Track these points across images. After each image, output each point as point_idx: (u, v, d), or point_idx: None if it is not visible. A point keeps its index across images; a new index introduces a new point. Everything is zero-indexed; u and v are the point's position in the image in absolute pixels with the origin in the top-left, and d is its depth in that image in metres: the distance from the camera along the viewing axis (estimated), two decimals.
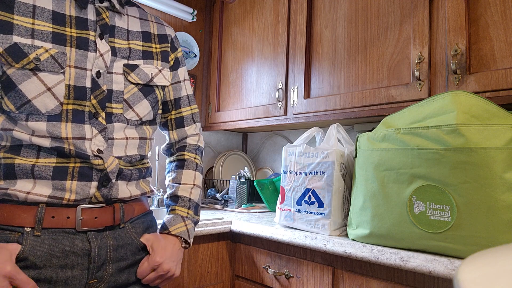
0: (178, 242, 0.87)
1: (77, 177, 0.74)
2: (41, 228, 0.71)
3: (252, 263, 1.29)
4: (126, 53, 0.84)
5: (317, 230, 1.11)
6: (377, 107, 1.26)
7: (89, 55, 0.77)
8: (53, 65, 0.72)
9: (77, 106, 0.75)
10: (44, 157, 0.73)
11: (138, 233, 0.84)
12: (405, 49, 1.21)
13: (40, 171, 0.72)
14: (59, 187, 0.72)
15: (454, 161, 0.81)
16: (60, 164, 0.73)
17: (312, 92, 1.49)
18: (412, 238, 0.87)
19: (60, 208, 0.73)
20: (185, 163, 0.97)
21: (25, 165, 0.71)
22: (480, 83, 1.03)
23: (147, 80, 0.86)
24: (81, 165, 0.75)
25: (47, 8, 0.75)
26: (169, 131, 0.99)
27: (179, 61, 0.99)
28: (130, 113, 0.83)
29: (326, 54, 1.45)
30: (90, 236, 0.74)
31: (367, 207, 0.96)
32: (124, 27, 0.86)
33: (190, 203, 0.93)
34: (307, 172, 1.17)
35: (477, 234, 0.79)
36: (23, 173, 0.71)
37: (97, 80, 0.78)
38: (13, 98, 0.71)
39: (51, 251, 0.70)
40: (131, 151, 0.84)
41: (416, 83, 1.16)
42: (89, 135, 0.76)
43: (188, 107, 1.00)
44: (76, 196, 0.73)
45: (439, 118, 0.87)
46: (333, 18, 1.44)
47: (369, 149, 0.98)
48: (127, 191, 0.82)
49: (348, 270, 1.02)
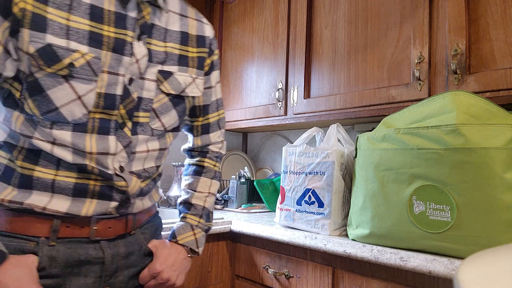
0: (184, 252, 0.85)
1: (97, 197, 0.71)
2: (56, 238, 0.68)
3: (252, 263, 1.29)
4: (162, 58, 0.77)
5: (317, 230, 1.11)
6: (377, 107, 1.26)
7: (124, 60, 0.70)
8: (88, 73, 0.65)
9: (104, 115, 0.69)
10: (65, 169, 0.68)
11: (147, 238, 0.82)
12: (405, 49, 1.21)
13: (60, 188, 0.68)
14: (77, 204, 0.69)
15: (454, 161, 0.81)
16: (80, 181, 0.69)
17: (312, 92, 1.49)
18: (412, 238, 0.87)
19: (75, 219, 0.70)
20: (204, 170, 0.95)
21: (45, 180, 0.67)
22: (480, 83, 1.03)
23: (179, 90, 0.80)
24: (102, 184, 0.71)
25: (85, 1, 0.66)
26: (194, 136, 0.96)
27: (214, 64, 0.92)
28: (156, 123, 0.77)
29: (326, 54, 1.45)
30: (103, 245, 0.73)
31: (367, 207, 0.96)
32: (163, 25, 0.78)
33: (203, 212, 0.91)
34: (307, 172, 1.17)
35: (477, 234, 0.79)
36: (41, 186, 0.67)
37: (128, 88, 0.71)
38: (39, 102, 0.64)
39: (66, 261, 0.68)
40: (149, 164, 0.80)
41: (416, 83, 1.16)
42: (113, 150, 0.71)
43: (216, 112, 0.95)
44: (93, 213, 0.71)
45: (439, 118, 0.87)
46: (333, 18, 1.44)
47: (369, 149, 0.98)
48: (142, 205, 0.81)
49: (348, 270, 1.02)
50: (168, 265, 0.80)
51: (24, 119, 0.67)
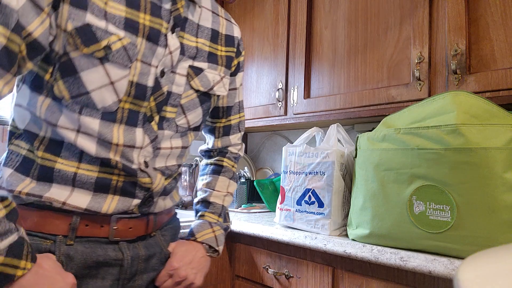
0: (202, 249, 0.82)
1: (119, 193, 0.68)
2: (75, 237, 0.65)
3: (252, 263, 1.29)
4: (193, 53, 0.75)
5: (317, 230, 1.11)
6: (377, 107, 1.26)
7: (158, 50, 0.68)
8: (123, 58, 0.63)
9: (133, 106, 0.67)
10: (87, 162, 0.65)
11: (167, 241, 0.79)
12: (405, 49, 1.21)
13: (81, 182, 0.65)
14: (98, 200, 0.66)
15: (454, 161, 0.81)
16: (103, 175, 0.66)
17: (312, 92, 1.49)
18: (412, 238, 0.87)
19: (95, 217, 0.67)
20: (223, 169, 0.93)
21: (66, 173, 0.64)
22: (480, 83, 1.03)
23: (208, 87, 0.78)
24: (125, 180, 0.68)
25: None
26: (214, 138, 0.94)
27: (240, 66, 0.91)
28: (182, 120, 0.75)
29: (326, 54, 1.45)
30: (123, 246, 0.69)
31: (367, 207, 0.96)
32: (196, 21, 0.77)
33: (222, 210, 0.89)
34: (307, 172, 1.17)
35: (477, 234, 0.79)
36: (62, 179, 0.64)
37: (159, 80, 0.69)
38: (70, 85, 0.61)
39: (84, 261, 0.65)
40: (171, 161, 0.77)
41: (416, 83, 1.16)
42: (139, 143, 0.68)
43: (237, 114, 0.94)
44: (114, 211, 0.67)
45: (439, 118, 0.87)
46: (333, 18, 1.44)
47: (369, 149, 0.98)
48: (164, 205, 0.78)
49: (348, 270, 1.02)
50: (185, 263, 0.77)
51: (50, 104, 0.63)
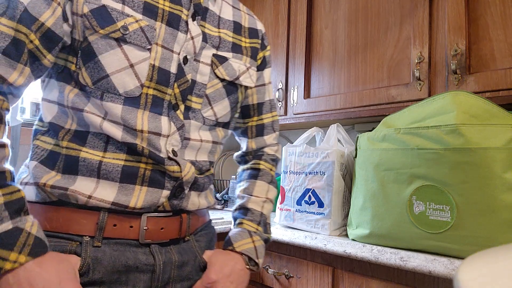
0: (242, 261, 0.74)
1: (147, 183, 0.63)
2: (102, 238, 0.60)
3: None
4: (216, 42, 0.73)
5: (317, 230, 1.11)
6: (377, 107, 1.26)
7: (179, 36, 0.66)
8: (141, 39, 0.61)
9: (157, 92, 0.64)
10: (113, 151, 0.62)
11: (201, 248, 0.73)
12: (405, 49, 1.21)
13: (107, 171, 0.61)
14: (125, 192, 0.61)
15: (453, 161, 0.81)
16: (129, 163, 0.62)
17: (312, 92, 1.49)
18: (412, 238, 0.87)
19: (123, 216, 0.62)
20: (260, 173, 0.86)
21: (91, 161, 0.60)
22: (480, 83, 1.03)
23: (233, 77, 0.75)
24: (153, 168, 0.64)
25: None
26: (248, 139, 0.88)
27: (267, 61, 0.87)
28: (208, 111, 0.71)
29: (326, 54, 1.45)
30: (154, 250, 0.64)
31: (367, 207, 0.96)
32: (217, 12, 0.75)
33: (261, 218, 0.82)
34: (307, 172, 1.17)
35: (477, 234, 0.79)
36: (87, 170, 0.60)
37: (183, 67, 0.66)
38: (91, 70, 0.60)
39: (113, 265, 0.59)
40: (202, 156, 0.72)
41: (416, 83, 1.16)
42: (165, 131, 0.65)
43: (270, 113, 0.89)
44: (143, 204, 0.62)
45: (439, 118, 0.87)
46: (333, 18, 1.44)
47: (369, 149, 0.98)
48: (197, 203, 0.72)
49: (348, 270, 1.02)
50: (224, 275, 0.70)
51: (77, 93, 0.62)
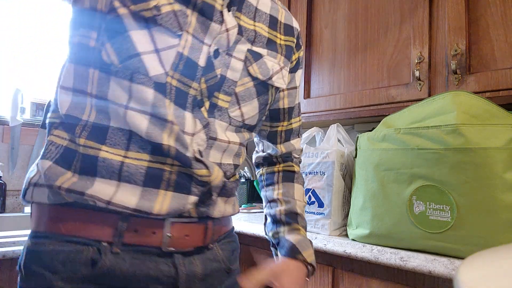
0: (306, 271, 0.70)
1: (172, 187, 0.56)
2: (122, 244, 0.54)
3: (252, 263, 1.29)
4: (251, 36, 0.65)
5: (317, 230, 1.11)
6: (377, 107, 1.26)
7: (212, 26, 0.58)
8: (173, 23, 0.54)
9: (181, 84, 0.56)
10: (135, 150, 0.54)
11: (226, 257, 0.67)
12: (405, 49, 1.21)
13: (129, 173, 0.53)
14: (148, 197, 0.54)
15: (454, 161, 0.81)
16: (153, 165, 0.55)
17: (312, 92, 1.49)
18: (412, 238, 0.87)
19: (145, 220, 0.55)
20: (295, 175, 0.80)
21: (112, 162, 0.53)
22: (480, 83, 1.03)
23: (267, 76, 0.67)
24: (178, 171, 0.56)
25: None
26: (276, 144, 0.81)
27: (300, 62, 0.81)
28: (235, 111, 0.64)
29: (326, 54, 1.45)
30: (177, 260, 0.57)
31: (367, 207, 0.96)
32: (254, 3, 0.68)
33: (306, 224, 0.78)
34: (307, 172, 1.17)
35: (477, 234, 0.79)
36: (106, 172, 0.53)
37: (212, 60, 0.59)
38: (119, 45, 0.52)
39: (132, 274, 0.54)
40: (228, 159, 0.65)
41: (416, 83, 1.16)
42: (190, 129, 0.57)
43: (298, 117, 0.84)
44: (168, 211, 0.55)
45: (439, 118, 0.87)
46: (333, 18, 1.44)
47: (369, 149, 0.98)
48: (224, 210, 0.66)
49: (348, 270, 1.02)
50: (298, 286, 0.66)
51: (99, 76, 0.54)
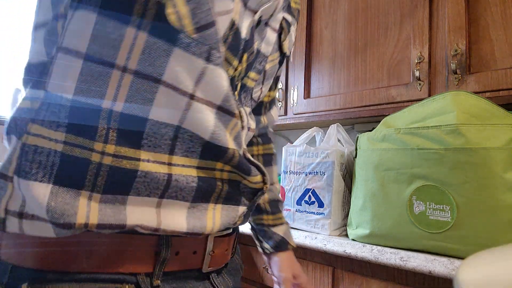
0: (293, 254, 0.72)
1: (222, 199, 0.44)
2: (162, 273, 0.41)
3: (252, 263, 1.29)
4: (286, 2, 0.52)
5: (317, 230, 1.11)
6: (377, 107, 1.26)
7: None
8: None
9: (225, 63, 0.42)
10: (182, 152, 0.39)
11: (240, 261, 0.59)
12: (405, 49, 1.21)
13: (177, 188, 0.39)
14: (198, 214, 0.41)
15: (454, 161, 0.81)
16: (204, 173, 0.41)
17: (312, 92, 1.49)
18: (412, 238, 0.87)
19: (188, 240, 0.43)
20: (273, 157, 0.72)
21: (157, 176, 0.37)
22: (480, 83, 1.03)
23: (290, 49, 0.58)
24: (229, 178, 0.44)
25: None
26: (261, 116, 0.67)
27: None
28: (258, 92, 0.53)
29: (326, 54, 1.45)
30: (216, 281, 0.47)
31: (367, 207, 0.96)
32: None
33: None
34: (307, 172, 1.17)
35: (477, 234, 0.79)
36: (146, 189, 0.37)
37: (254, 32, 0.45)
38: (196, 5, 0.36)
39: None
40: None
41: (416, 83, 1.16)
42: (245, 121, 0.47)
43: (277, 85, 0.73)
44: (220, 228, 0.44)
45: (439, 118, 0.87)
46: (333, 18, 1.44)
47: (369, 149, 0.98)
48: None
49: (348, 270, 1.02)
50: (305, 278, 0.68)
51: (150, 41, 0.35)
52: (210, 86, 0.38)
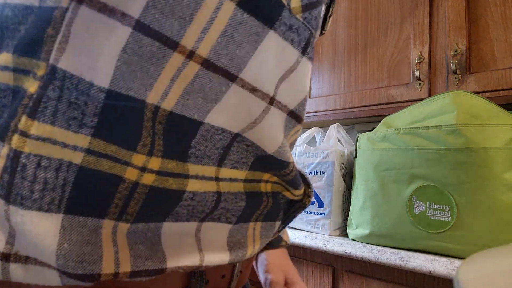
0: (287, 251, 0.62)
1: (263, 216, 0.36)
2: None
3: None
4: None
5: (317, 230, 1.11)
6: (377, 107, 1.26)
7: None
8: None
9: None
10: (232, 164, 0.30)
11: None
12: (405, 49, 1.21)
13: (224, 209, 0.31)
14: (238, 238, 0.34)
15: (454, 161, 0.81)
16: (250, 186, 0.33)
17: (312, 92, 1.49)
18: (412, 238, 0.87)
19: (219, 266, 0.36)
20: None
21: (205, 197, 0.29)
22: (480, 83, 1.03)
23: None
24: (273, 190, 0.36)
25: None
26: None
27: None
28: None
29: (326, 54, 1.45)
30: None
31: (367, 207, 0.96)
32: None
33: None
34: (307, 172, 1.17)
35: (477, 234, 0.79)
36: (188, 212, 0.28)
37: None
38: None
39: None
40: None
41: (416, 83, 1.16)
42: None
43: None
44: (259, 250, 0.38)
45: (439, 118, 0.87)
46: (333, 18, 1.44)
47: (369, 149, 0.98)
48: None
49: (348, 270, 1.02)
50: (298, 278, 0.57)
51: (231, 18, 0.26)
52: (294, 87, 0.30)
